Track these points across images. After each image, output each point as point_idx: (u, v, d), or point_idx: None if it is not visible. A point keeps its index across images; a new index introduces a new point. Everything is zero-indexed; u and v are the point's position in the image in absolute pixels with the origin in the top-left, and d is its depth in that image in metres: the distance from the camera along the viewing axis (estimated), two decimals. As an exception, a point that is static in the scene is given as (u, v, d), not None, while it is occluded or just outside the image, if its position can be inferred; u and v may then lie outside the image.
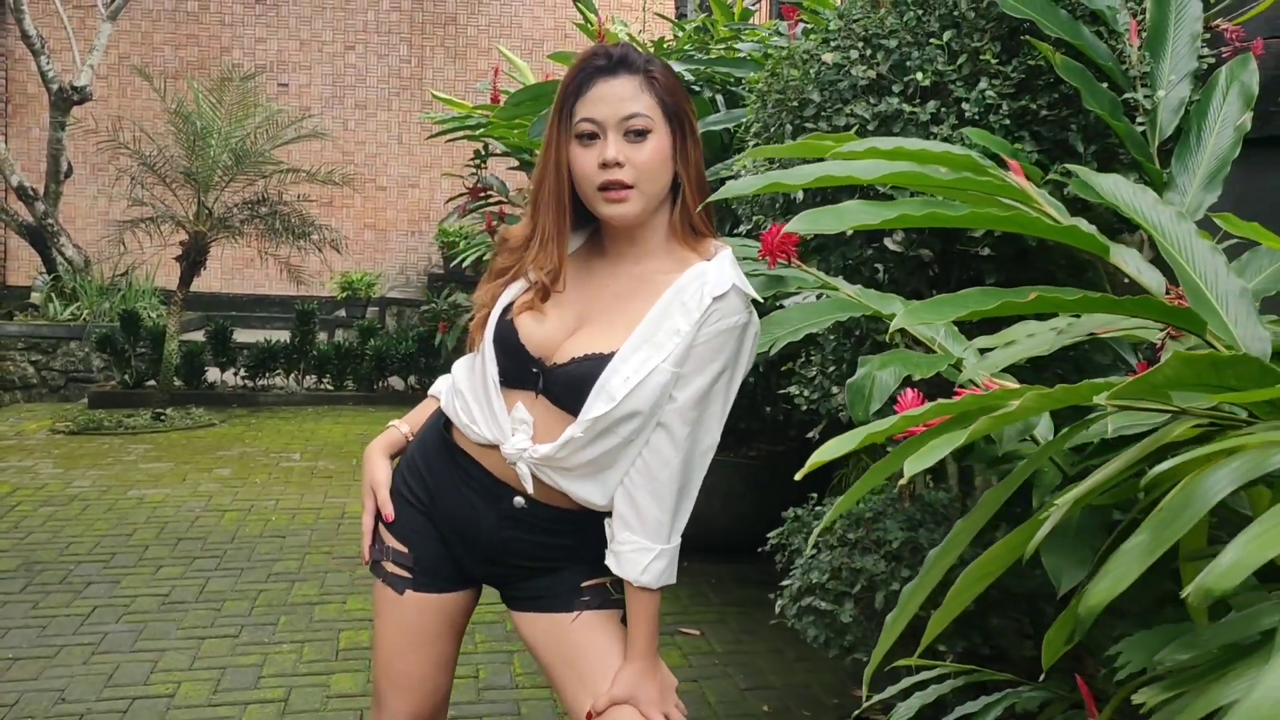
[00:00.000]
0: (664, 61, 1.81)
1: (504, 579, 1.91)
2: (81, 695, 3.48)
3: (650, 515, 1.76)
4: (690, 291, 1.73)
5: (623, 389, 1.69)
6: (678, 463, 1.75)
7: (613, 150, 1.70)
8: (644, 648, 1.79)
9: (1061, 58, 2.35)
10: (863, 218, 1.37)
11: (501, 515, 1.83)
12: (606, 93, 1.72)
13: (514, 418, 1.78)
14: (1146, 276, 1.58)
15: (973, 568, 1.16)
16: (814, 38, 2.76)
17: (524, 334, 1.77)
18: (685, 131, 1.76)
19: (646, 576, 1.75)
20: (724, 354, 1.75)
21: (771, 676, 3.73)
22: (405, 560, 1.91)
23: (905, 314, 1.33)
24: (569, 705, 1.84)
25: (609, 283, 1.80)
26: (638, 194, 1.72)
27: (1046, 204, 1.52)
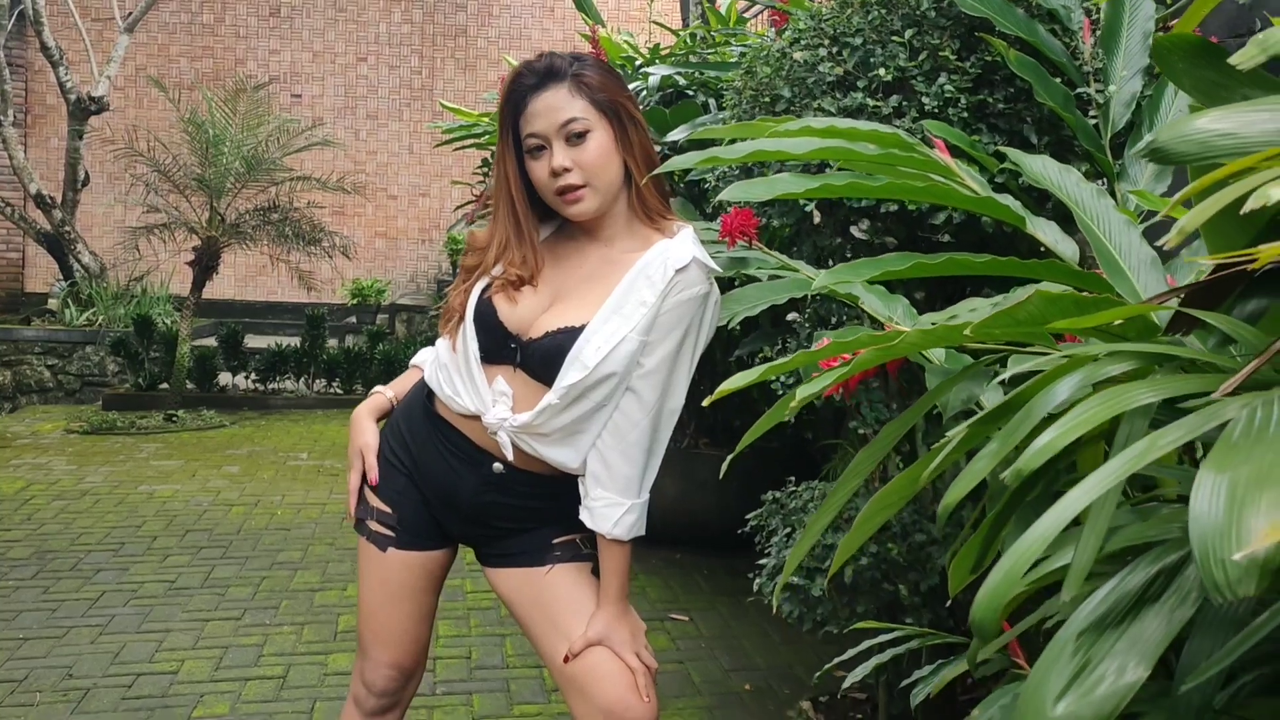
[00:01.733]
0: (594, 59, 1.94)
1: (481, 538, 2.04)
2: (88, 672, 3.62)
3: (621, 473, 1.90)
4: (655, 265, 1.87)
5: (595, 357, 1.82)
6: (646, 424, 1.89)
7: (558, 158, 1.85)
8: (615, 595, 1.93)
9: (1016, 53, 2.47)
10: (790, 187, 1.50)
11: (481, 480, 1.96)
12: (541, 106, 1.86)
13: (494, 390, 1.92)
14: (1062, 246, 1.70)
15: (877, 497, 1.27)
16: (786, 37, 2.89)
17: (502, 313, 1.91)
18: (623, 120, 1.89)
19: (618, 529, 1.90)
20: (686, 322, 1.89)
21: (755, 658, 3.84)
22: (389, 520, 2.04)
23: (826, 275, 1.46)
24: (544, 651, 1.97)
25: (579, 264, 1.94)
26: (591, 191, 1.86)
27: (968, 178, 1.65)
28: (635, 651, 1.93)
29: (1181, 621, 0.78)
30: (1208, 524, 0.59)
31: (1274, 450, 0.62)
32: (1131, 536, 0.90)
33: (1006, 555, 0.77)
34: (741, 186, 1.55)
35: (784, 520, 3.17)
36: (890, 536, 2.84)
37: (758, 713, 3.41)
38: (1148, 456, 0.74)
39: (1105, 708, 0.76)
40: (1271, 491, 0.58)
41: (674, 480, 4.96)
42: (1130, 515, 1.07)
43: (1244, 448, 0.64)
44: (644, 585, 4.58)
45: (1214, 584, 0.57)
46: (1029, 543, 0.76)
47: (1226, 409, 0.74)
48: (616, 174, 1.90)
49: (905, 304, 2.21)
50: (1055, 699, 0.78)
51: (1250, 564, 0.56)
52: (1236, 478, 0.61)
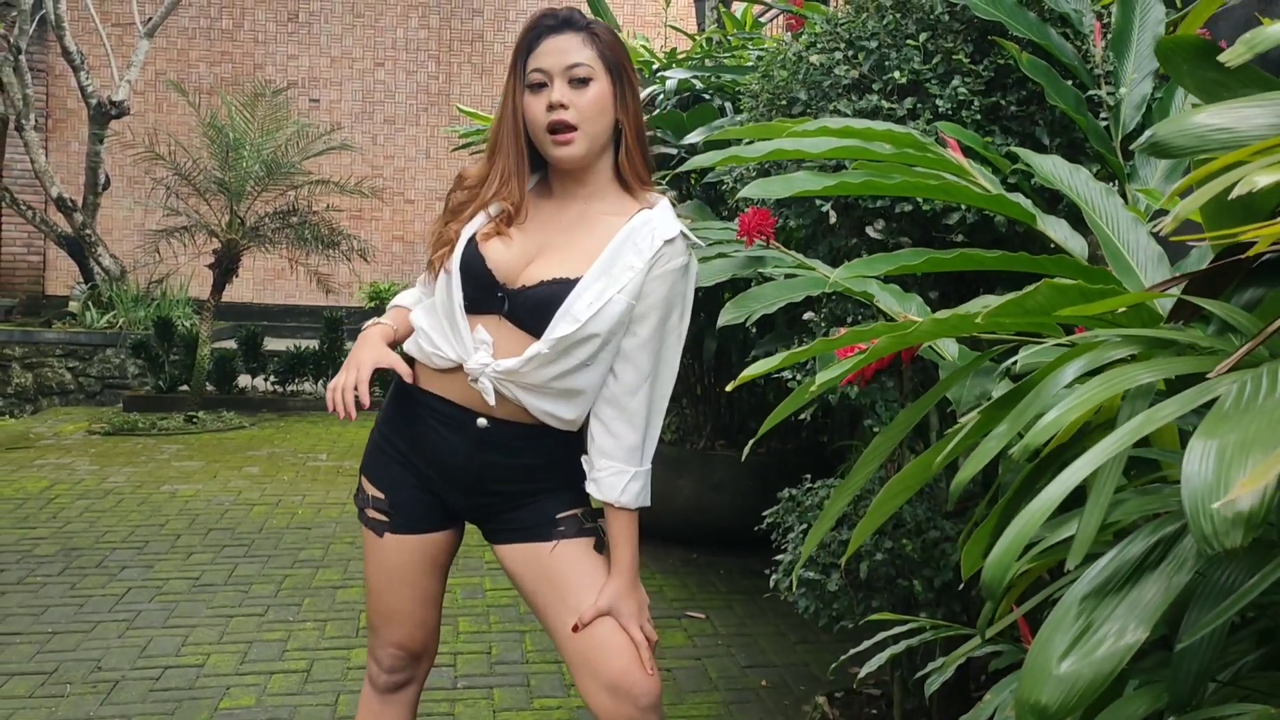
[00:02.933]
0: (606, 24, 2.04)
1: (484, 512, 2.10)
2: (116, 664, 3.69)
3: (624, 440, 2.00)
4: (642, 234, 1.97)
5: (586, 313, 1.91)
6: (644, 392, 2.00)
7: (557, 93, 1.93)
8: (625, 565, 2.01)
9: (1028, 57, 2.52)
10: (808, 185, 1.56)
11: (470, 440, 2.02)
12: (553, 46, 1.95)
13: (475, 338, 1.98)
14: (1072, 243, 1.75)
15: (891, 483, 1.33)
16: (802, 41, 2.95)
17: (491, 260, 1.97)
18: (625, 82, 1.98)
19: (625, 497, 1.99)
20: (671, 291, 1.99)
21: (772, 655, 3.89)
22: (383, 505, 2.11)
23: (843, 270, 1.51)
24: (551, 624, 2.04)
25: (560, 217, 2.02)
26: (581, 135, 1.94)
27: (980, 177, 1.70)
28: (640, 624, 2.00)
29: (1179, 587, 0.84)
30: (1197, 483, 0.65)
31: (1260, 418, 0.67)
32: (1133, 510, 0.96)
33: (1014, 521, 0.82)
34: (760, 184, 1.60)
35: (800, 517, 3.22)
36: (905, 533, 2.89)
37: (774, 708, 3.46)
38: (1146, 428, 0.79)
39: (1105, 667, 0.81)
40: (1257, 453, 0.63)
41: (690, 481, 5.01)
42: (1134, 494, 1.12)
43: (1233, 417, 0.69)
44: (661, 585, 4.63)
45: (1202, 536, 0.62)
46: (1036, 509, 0.81)
47: (1219, 385, 0.79)
48: (607, 127, 1.98)
49: (919, 302, 2.25)
50: (1059, 658, 0.83)
51: (1236, 516, 0.61)
52: (1225, 443, 0.66)
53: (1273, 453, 0.63)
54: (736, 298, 2.24)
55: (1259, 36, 0.79)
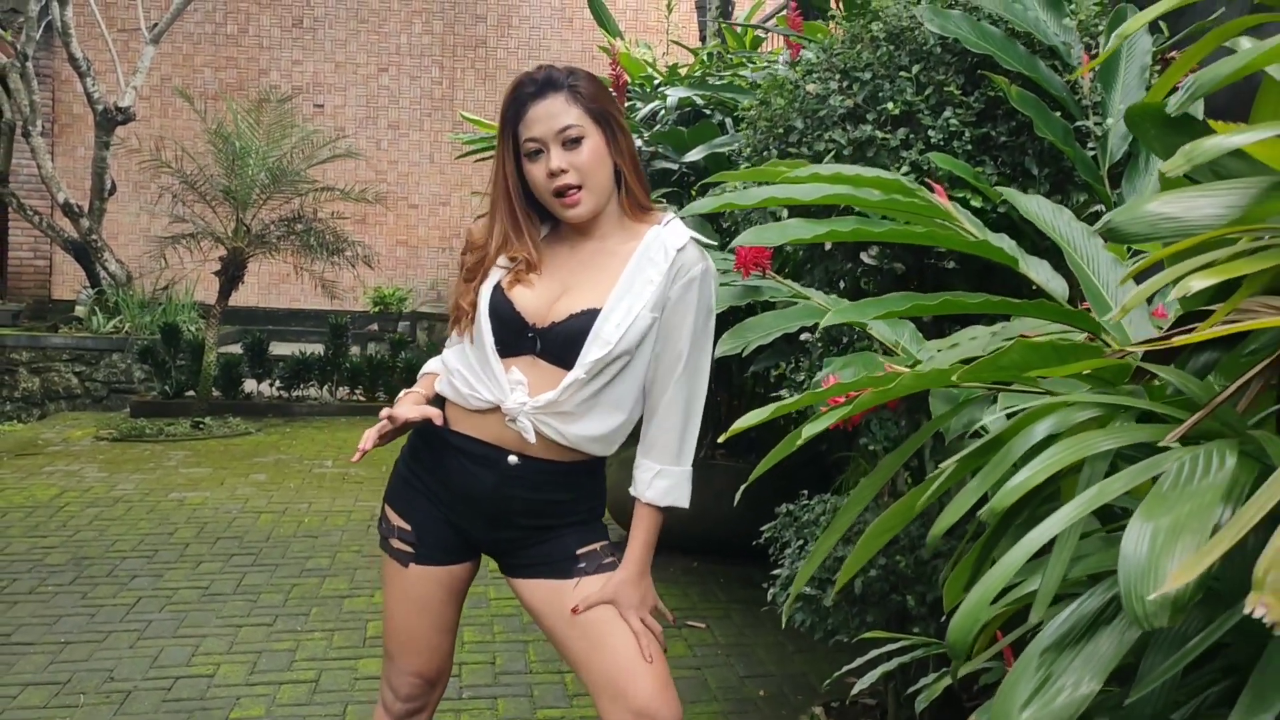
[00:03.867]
0: (586, 73, 2.10)
1: (505, 546, 2.17)
2: (128, 675, 3.77)
3: (661, 441, 2.10)
4: (655, 248, 2.06)
5: (615, 334, 2.00)
6: (681, 399, 2.09)
7: (555, 160, 2.01)
8: (636, 559, 2.09)
9: (1017, 89, 2.60)
10: (800, 233, 1.63)
11: (500, 476, 2.09)
12: (541, 113, 2.02)
13: (510, 379, 2.06)
14: (1053, 285, 1.82)
15: (878, 521, 1.40)
16: (799, 69, 3.02)
17: (519, 303, 2.06)
18: (614, 129, 2.06)
19: (650, 493, 2.09)
20: (695, 298, 2.07)
21: (770, 666, 3.97)
22: (409, 537, 2.17)
23: (834, 314, 1.59)
24: (575, 659, 2.10)
25: (578, 257, 2.11)
26: (587, 192, 2.03)
27: (966, 222, 1.77)
28: (640, 617, 2.07)
29: (1130, 641, 0.91)
30: (1132, 565, 0.72)
31: (1192, 502, 0.74)
32: (1092, 565, 1.03)
33: (978, 585, 0.89)
34: (755, 233, 1.68)
35: (797, 533, 3.30)
36: (899, 550, 2.96)
37: (771, 718, 3.53)
38: (1098, 501, 0.86)
39: (1063, 715, 0.88)
40: (1186, 539, 0.71)
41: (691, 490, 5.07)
42: (1100, 543, 1.20)
43: (1170, 498, 0.77)
44: (662, 594, 4.65)
45: (1135, 617, 0.70)
46: (997, 574, 0.88)
47: (1165, 461, 0.87)
48: (608, 175, 2.06)
49: (911, 329, 2.33)
50: (1021, 707, 0.90)
51: (1164, 600, 0.68)
52: (1159, 526, 0.73)
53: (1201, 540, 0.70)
54: (734, 328, 2.32)
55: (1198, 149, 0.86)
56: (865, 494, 1.41)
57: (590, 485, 2.17)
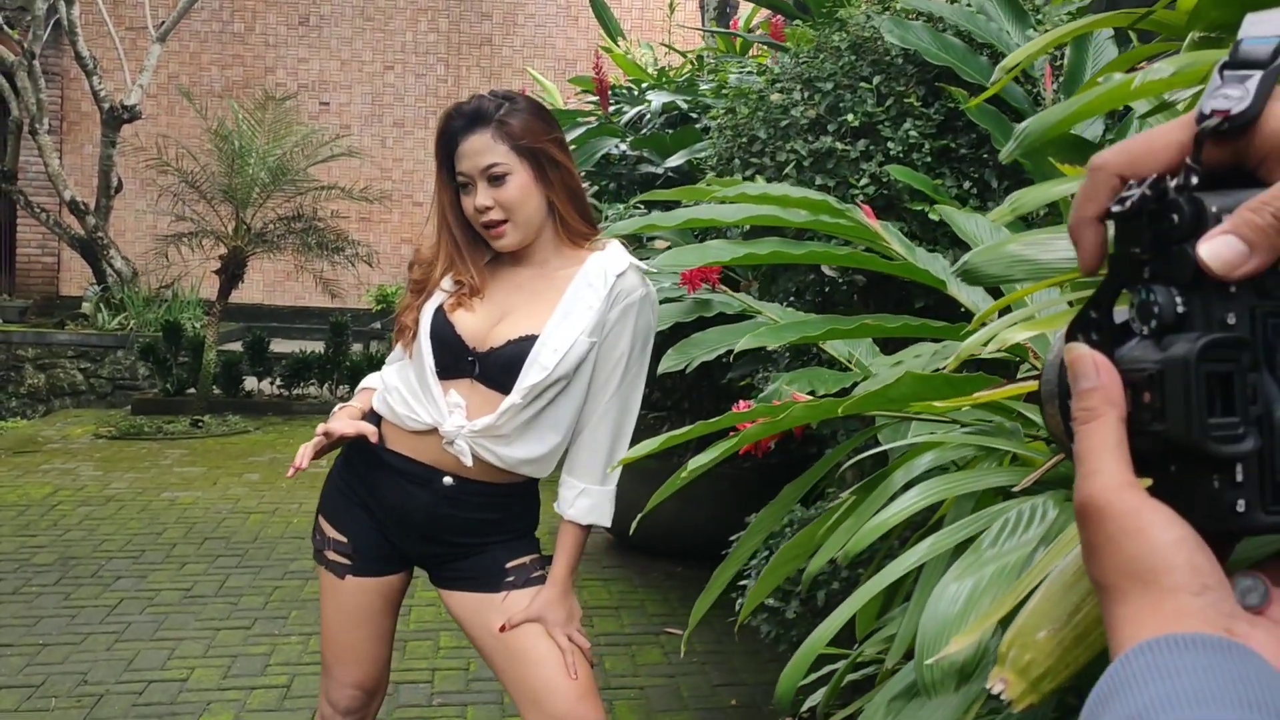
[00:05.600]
0: (525, 102, 2.10)
1: (436, 559, 2.18)
2: (102, 678, 3.78)
3: (587, 462, 2.11)
4: (595, 274, 2.06)
5: (552, 359, 2.01)
6: (610, 420, 2.10)
7: (480, 198, 2.02)
8: (558, 575, 2.11)
9: (975, 101, 2.57)
10: (719, 255, 1.62)
11: (434, 496, 2.10)
12: (468, 149, 2.03)
13: (449, 402, 2.07)
14: (984, 306, 1.80)
15: (782, 550, 1.39)
16: (765, 78, 3.00)
17: (459, 327, 2.07)
18: (542, 162, 2.05)
19: (573, 510, 2.10)
20: (633, 323, 2.08)
21: (744, 674, 3.95)
22: (345, 549, 2.17)
23: (750, 337, 1.57)
24: (499, 669, 2.13)
25: (518, 284, 2.11)
26: (512, 226, 2.04)
27: (895, 243, 1.75)
28: (568, 634, 2.09)
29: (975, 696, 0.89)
30: (929, 628, 0.70)
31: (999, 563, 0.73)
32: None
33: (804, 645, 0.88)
34: (676, 253, 1.67)
35: (764, 543, 3.28)
36: (859, 561, 2.94)
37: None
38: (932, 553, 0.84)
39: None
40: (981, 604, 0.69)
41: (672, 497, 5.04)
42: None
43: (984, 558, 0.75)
44: (643, 599, 4.70)
45: (922, 684, 0.68)
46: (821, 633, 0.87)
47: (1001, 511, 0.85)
48: (536, 209, 2.06)
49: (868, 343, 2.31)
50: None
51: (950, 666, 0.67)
52: (962, 589, 0.72)
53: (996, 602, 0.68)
54: (679, 343, 2.30)
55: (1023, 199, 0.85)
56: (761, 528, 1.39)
57: (523, 506, 2.19)
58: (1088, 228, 0.52)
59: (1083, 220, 0.53)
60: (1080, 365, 0.51)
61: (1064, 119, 0.91)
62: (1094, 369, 0.50)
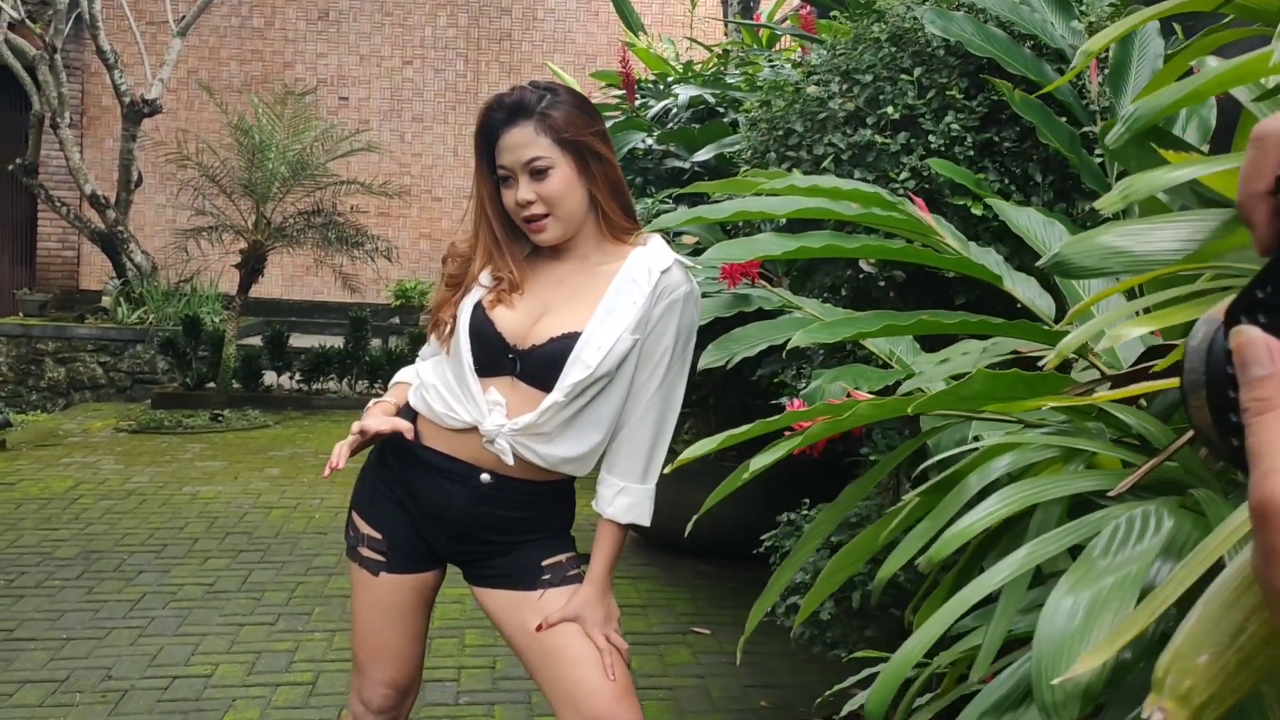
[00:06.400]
0: (566, 93, 2.05)
1: (470, 557, 2.14)
2: (127, 673, 3.76)
3: (627, 460, 2.07)
4: (638, 270, 2.02)
5: (596, 356, 1.97)
6: (652, 418, 2.06)
7: (522, 192, 1.98)
8: (598, 575, 2.07)
9: (1020, 94, 2.51)
10: (770, 248, 1.57)
11: (472, 493, 2.06)
12: (509, 142, 1.99)
13: (489, 399, 2.03)
14: (1039, 302, 1.75)
15: (841, 554, 1.34)
16: (801, 71, 2.95)
17: (500, 324, 2.03)
18: (585, 155, 2.01)
19: (612, 509, 2.06)
20: (676, 320, 2.04)
21: (775, 675, 3.90)
22: (380, 546, 2.14)
23: (803, 333, 1.53)
24: (535, 668, 2.08)
25: (559, 279, 2.07)
26: (553, 220, 2.00)
27: (949, 236, 1.71)
28: (605, 634, 2.04)
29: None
30: (1046, 645, 0.66)
31: (1118, 574, 0.68)
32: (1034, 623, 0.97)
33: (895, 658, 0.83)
34: (723, 247, 1.62)
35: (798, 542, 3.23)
36: (898, 563, 2.89)
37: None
38: (1031, 562, 0.80)
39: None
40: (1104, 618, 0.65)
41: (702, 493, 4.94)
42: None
43: (1098, 568, 0.71)
44: (671, 598, 4.65)
45: (1043, 706, 0.64)
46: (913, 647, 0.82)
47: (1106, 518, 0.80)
48: (578, 204, 2.02)
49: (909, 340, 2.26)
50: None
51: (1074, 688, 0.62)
52: (1079, 601, 0.67)
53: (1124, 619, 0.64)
54: (720, 339, 2.26)
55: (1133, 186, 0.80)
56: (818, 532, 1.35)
57: (560, 503, 2.16)
58: (1259, 203, 0.48)
59: (1252, 196, 0.48)
60: (1252, 350, 0.46)
61: (1176, 101, 0.86)
62: (1268, 354, 0.45)
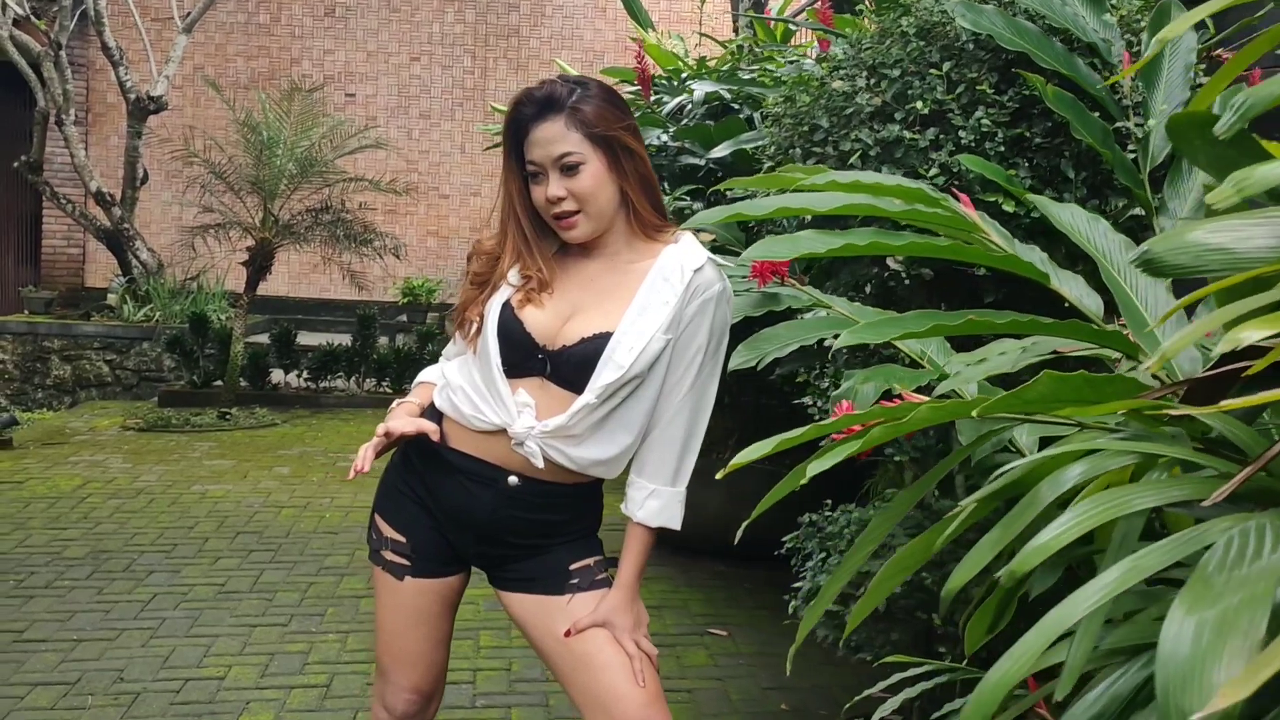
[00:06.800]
0: (597, 87, 2.00)
1: (495, 560, 2.10)
2: (139, 675, 3.71)
3: (658, 462, 2.02)
4: (671, 268, 1.97)
5: (628, 358, 1.92)
6: (684, 419, 2.02)
7: (553, 188, 1.94)
8: (625, 580, 2.02)
9: (1053, 89, 2.47)
10: (814, 246, 1.53)
11: (498, 496, 2.02)
12: (539, 137, 1.94)
13: (518, 401, 1.98)
14: (1088, 301, 1.71)
15: (891, 562, 1.30)
16: (825, 65, 2.91)
17: (529, 324, 1.99)
18: (617, 150, 1.96)
19: (641, 512, 2.01)
20: (710, 319, 1.99)
21: (794, 677, 3.85)
22: (404, 549, 2.10)
23: (849, 334, 1.48)
24: (563, 674, 2.03)
25: (588, 277, 2.03)
26: (584, 217, 1.95)
27: (994, 233, 1.66)
28: (635, 639, 2.00)
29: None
30: (1172, 670, 0.61)
31: (1242, 592, 0.64)
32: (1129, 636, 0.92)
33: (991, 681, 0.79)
34: (766, 244, 1.57)
35: (820, 544, 3.19)
36: (925, 566, 2.85)
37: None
38: (1131, 580, 0.76)
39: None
40: (1235, 640, 0.60)
41: (717, 493, 4.94)
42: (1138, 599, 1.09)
43: (1216, 586, 0.66)
44: (687, 599, 4.61)
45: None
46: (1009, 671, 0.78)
47: (1210, 532, 0.76)
48: (609, 200, 1.97)
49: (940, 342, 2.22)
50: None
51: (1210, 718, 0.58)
52: (1204, 621, 0.63)
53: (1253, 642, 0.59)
54: (750, 339, 2.21)
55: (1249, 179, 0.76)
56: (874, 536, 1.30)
57: (587, 506, 2.12)
58: None
59: None
60: None
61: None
62: None
